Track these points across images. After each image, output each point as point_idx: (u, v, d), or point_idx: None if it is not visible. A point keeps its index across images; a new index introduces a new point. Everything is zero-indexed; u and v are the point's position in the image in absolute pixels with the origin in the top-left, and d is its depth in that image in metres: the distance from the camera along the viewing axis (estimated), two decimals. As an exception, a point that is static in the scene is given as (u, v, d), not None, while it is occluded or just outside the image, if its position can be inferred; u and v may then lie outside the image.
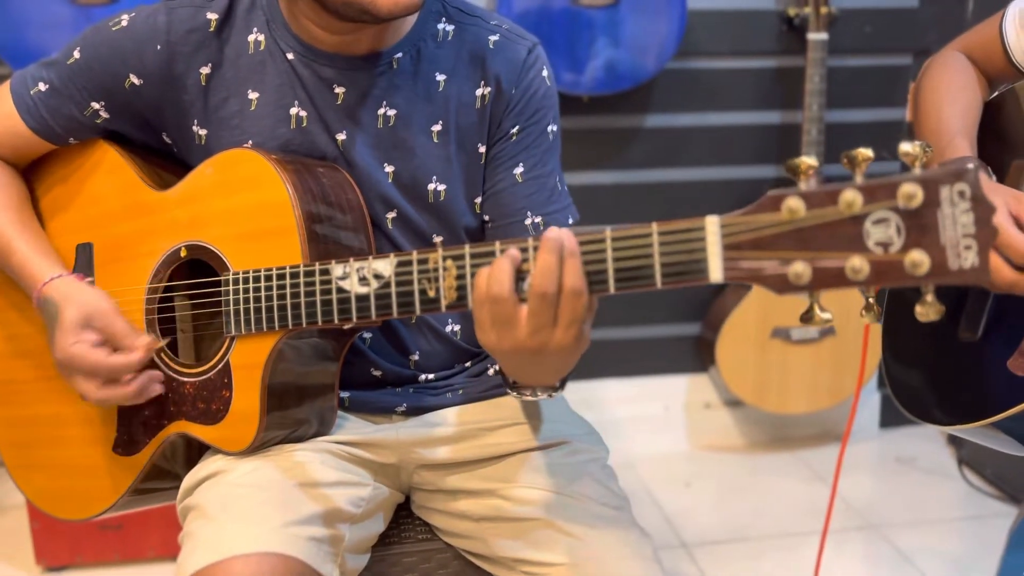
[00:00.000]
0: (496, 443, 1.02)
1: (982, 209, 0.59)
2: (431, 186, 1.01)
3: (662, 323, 2.26)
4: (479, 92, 1.01)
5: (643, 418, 2.29)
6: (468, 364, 1.09)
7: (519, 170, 1.02)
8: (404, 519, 1.09)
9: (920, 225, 0.61)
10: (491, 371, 1.09)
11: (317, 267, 0.87)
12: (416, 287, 0.81)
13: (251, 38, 0.99)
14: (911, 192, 0.61)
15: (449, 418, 1.05)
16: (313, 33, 0.97)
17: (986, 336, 1.03)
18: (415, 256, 0.81)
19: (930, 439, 2.29)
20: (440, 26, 1.02)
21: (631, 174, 2.15)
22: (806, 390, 2.18)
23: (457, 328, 1.07)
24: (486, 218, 1.04)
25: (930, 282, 0.61)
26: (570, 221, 1.06)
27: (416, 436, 1.04)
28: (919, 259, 0.61)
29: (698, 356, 2.28)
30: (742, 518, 1.97)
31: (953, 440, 2.23)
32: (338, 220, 0.96)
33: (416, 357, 1.06)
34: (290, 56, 0.98)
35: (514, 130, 1.02)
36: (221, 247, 0.96)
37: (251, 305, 0.92)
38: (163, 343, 0.98)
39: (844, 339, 2.14)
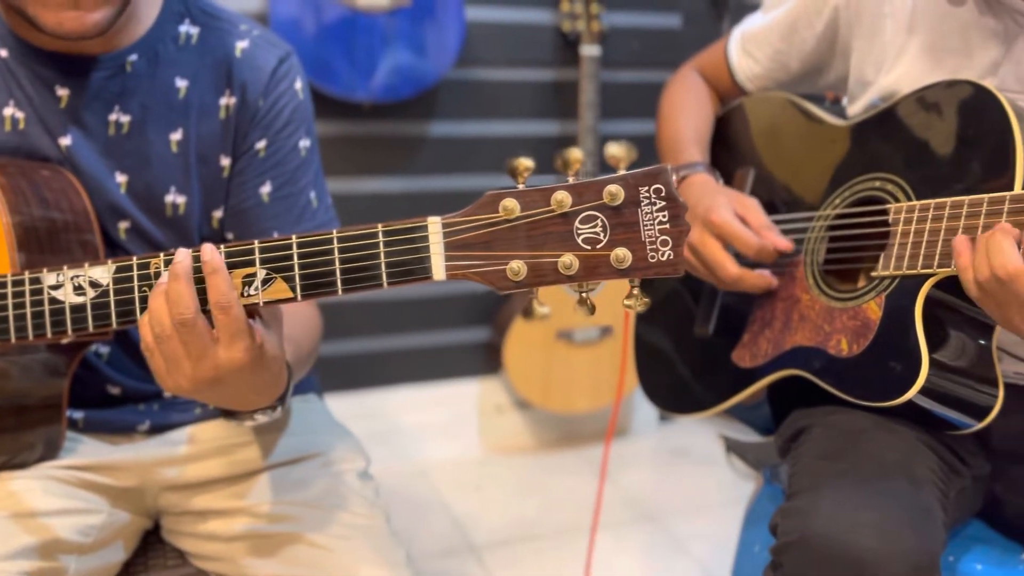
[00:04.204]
0: (247, 459, 0.98)
1: (675, 207, 0.63)
2: (169, 198, 0.95)
3: (452, 328, 2.28)
4: (223, 101, 0.96)
5: (435, 424, 2.29)
6: (220, 377, 1.04)
7: (266, 189, 0.97)
8: (153, 545, 1.02)
9: (623, 223, 0.64)
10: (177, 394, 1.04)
11: (27, 276, 0.79)
12: (137, 295, 0.75)
13: None
14: (614, 191, 0.64)
15: (196, 435, 0.99)
16: (31, 30, 0.88)
17: (717, 331, 1.11)
18: (135, 261, 0.75)
19: (703, 431, 2.45)
20: (183, 28, 0.95)
21: (417, 181, 2.15)
22: (589, 389, 2.26)
23: (205, 339, 1.01)
24: (229, 235, 0.99)
25: (634, 276, 0.64)
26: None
27: (158, 456, 0.97)
28: (623, 255, 0.64)
29: (488, 360, 2.31)
30: (530, 517, 2.02)
31: (722, 430, 2.41)
32: (59, 227, 0.88)
33: (159, 371, 0.99)
34: (3, 53, 0.89)
35: (260, 144, 0.97)
36: (-84, 257, 0.85)
37: (-49, 320, 0.82)
38: None
39: (623, 339, 2.25)
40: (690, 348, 1.14)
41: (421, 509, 2.05)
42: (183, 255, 0.69)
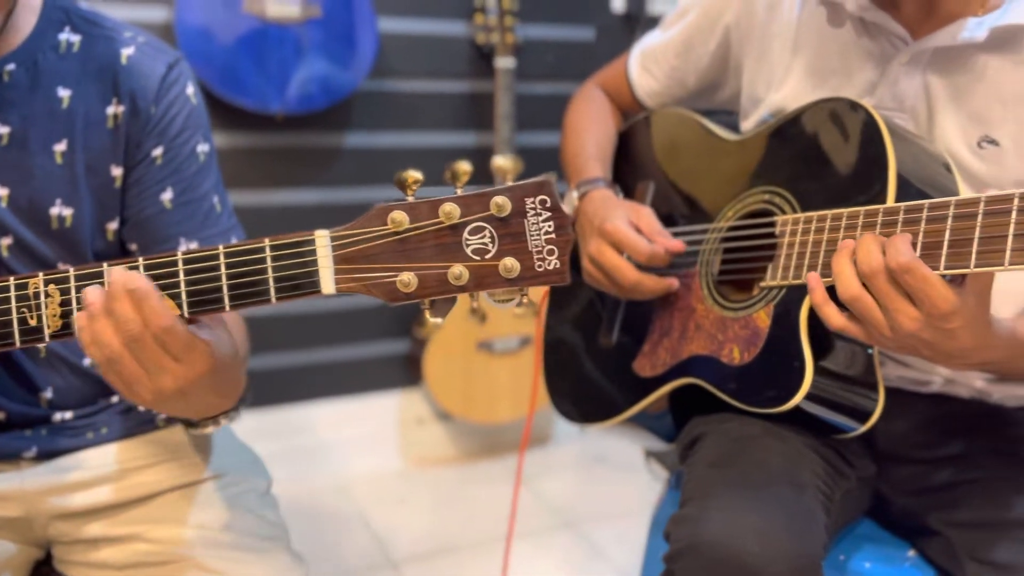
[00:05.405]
0: (142, 483, 0.95)
1: (560, 217, 0.65)
2: (54, 211, 0.92)
3: (371, 341, 2.26)
4: (110, 110, 0.93)
5: (356, 438, 2.27)
6: (114, 399, 1.00)
7: (167, 196, 0.95)
8: (45, 576, 0.98)
9: (511, 233, 0.65)
10: (142, 407, 1.01)
11: None
12: (15, 316, 0.73)
13: None
14: (501, 203, 0.65)
15: (88, 460, 0.96)
16: None
17: (619, 341, 1.13)
18: (12, 282, 0.73)
19: (624, 438, 2.48)
20: (63, 36, 0.93)
21: (332, 193, 2.13)
22: (510, 399, 2.27)
23: (97, 360, 0.98)
24: (132, 246, 0.97)
25: (523, 284, 0.66)
26: (233, 242, 1.01)
27: (46, 483, 0.93)
28: (511, 264, 0.65)
29: (408, 372, 2.30)
30: (452, 529, 2.01)
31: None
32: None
33: (48, 395, 0.96)
34: None
35: (157, 152, 0.95)
36: None
37: None
38: None
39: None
40: (595, 358, 1.16)
41: (342, 525, 2.02)
42: (118, 273, 0.68)
